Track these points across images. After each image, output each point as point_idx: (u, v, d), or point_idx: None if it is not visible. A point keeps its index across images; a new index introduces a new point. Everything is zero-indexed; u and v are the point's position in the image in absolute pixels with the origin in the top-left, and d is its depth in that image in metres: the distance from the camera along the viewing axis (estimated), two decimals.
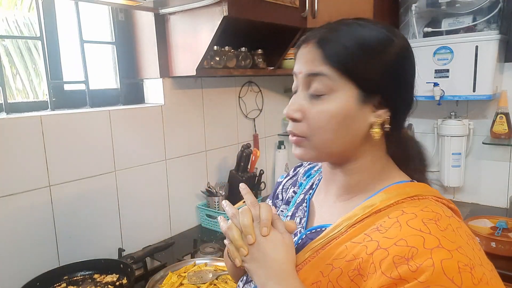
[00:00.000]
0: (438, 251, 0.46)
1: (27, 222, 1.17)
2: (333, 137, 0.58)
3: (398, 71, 0.58)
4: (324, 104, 0.57)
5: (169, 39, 1.50)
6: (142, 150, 1.48)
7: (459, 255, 0.46)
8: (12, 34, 1.33)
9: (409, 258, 0.47)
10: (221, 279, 1.15)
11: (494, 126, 1.73)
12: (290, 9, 1.55)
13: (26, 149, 1.15)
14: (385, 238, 0.51)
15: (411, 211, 0.53)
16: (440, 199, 0.58)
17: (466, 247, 0.48)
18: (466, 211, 1.79)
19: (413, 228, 0.50)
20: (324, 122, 0.57)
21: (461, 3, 1.62)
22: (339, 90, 0.56)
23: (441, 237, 0.48)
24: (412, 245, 0.48)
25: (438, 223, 0.50)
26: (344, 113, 0.56)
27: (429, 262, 0.46)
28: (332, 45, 0.56)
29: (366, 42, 0.56)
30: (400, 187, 0.59)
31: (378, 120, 0.58)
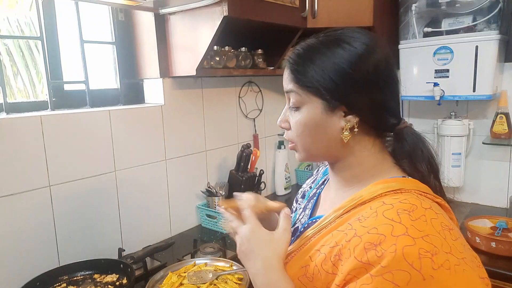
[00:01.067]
0: (403, 238, 0.50)
1: (27, 222, 1.17)
2: (311, 142, 0.68)
3: (359, 82, 0.63)
4: (298, 115, 0.67)
5: (169, 39, 1.50)
6: (142, 150, 1.48)
7: (423, 243, 0.49)
8: (13, 33, 1.33)
9: (377, 244, 0.51)
10: (221, 279, 1.15)
11: (494, 126, 1.73)
12: (290, 9, 1.55)
13: (26, 149, 1.15)
14: (362, 226, 0.56)
15: (390, 202, 0.57)
16: (425, 193, 0.60)
17: (434, 236, 0.51)
18: (466, 211, 1.79)
19: (386, 217, 0.54)
20: (300, 130, 0.67)
21: (461, 3, 1.62)
22: (307, 103, 0.66)
23: (410, 226, 0.51)
24: (381, 233, 0.52)
25: (411, 213, 0.53)
26: (314, 122, 0.66)
27: (392, 248, 0.50)
28: (296, 67, 0.66)
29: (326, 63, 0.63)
30: (387, 181, 0.63)
31: (346, 125, 0.64)
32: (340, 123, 0.64)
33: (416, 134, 0.69)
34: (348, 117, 0.64)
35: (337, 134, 0.65)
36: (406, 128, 0.69)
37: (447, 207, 0.62)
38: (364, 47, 0.63)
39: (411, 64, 1.81)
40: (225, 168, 1.83)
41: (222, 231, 1.63)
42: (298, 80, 0.66)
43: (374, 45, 0.65)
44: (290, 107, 0.69)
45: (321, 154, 0.70)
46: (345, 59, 0.62)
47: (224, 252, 1.40)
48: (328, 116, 0.65)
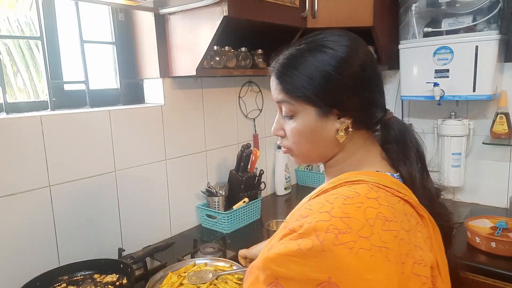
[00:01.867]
0: (323, 215, 0.55)
1: (27, 222, 1.17)
2: (309, 147, 0.70)
3: (348, 85, 0.65)
4: (293, 123, 0.69)
5: (169, 39, 1.50)
6: (142, 150, 1.48)
7: (337, 221, 0.53)
8: (14, 33, 1.33)
9: (304, 217, 0.56)
10: (221, 279, 1.15)
11: (494, 126, 1.73)
12: (290, 9, 1.55)
13: (26, 149, 1.15)
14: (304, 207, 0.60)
15: (340, 190, 0.61)
16: (385, 186, 0.61)
17: (356, 220, 0.53)
18: (466, 211, 1.79)
19: (324, 199, 0.58)
20: (297, 138, 0.70)
21: (461, 3, 1.62)
22: (300, 111, 0.67)
23: (337, 207, 0.55)
24: (311, 209, 0.57)
25: (347, 199, 0.57)
26: (309, 129, 0.68)
27: (310, 220, 0.55)
28: (284, 78, 0.67)
29: (312, 71, 0.64)
30: (353, 174, 0.65)
31: (341, 126, 0.67)
32: (334, 125, 0.67)
33: (402, 123, 0.72)
34: (341, 119, 0.66)
35: (333, 136, 0.68)
36: (392, 118, 0.71)
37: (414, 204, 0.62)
38: (347, 50, 0.65)
39: (411, 64, 1.81)
40: (225, 168, 1.83)
41: (222, 231, 1.63)
42: (287, 90, 0.67)
43: (356, 46, 0.67)
44: (284, 116, 0.70)
45: (318, 156, 0.72)
46: (331, 65, 0.64)
47: (224, 252, 1.40)
48: (323, 121, 0.67)
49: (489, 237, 1.34)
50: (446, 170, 1.85)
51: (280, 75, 0.68)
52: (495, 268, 1.27)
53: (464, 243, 1.44)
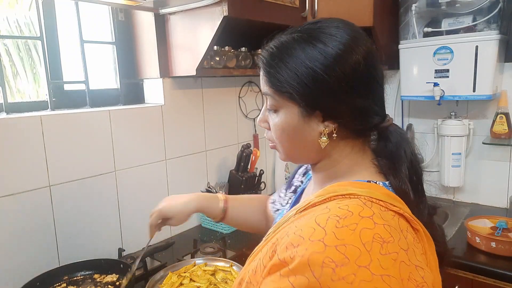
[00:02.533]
0: (316, 244, 0.49)
1: (27, 222, 1.17)
2: (291, 146, 0.66)
3: (333, 88, 0.59)
4: (275, 118, 0.65)
5: (169, 39, 1.50)
6: (142, 150, 1.48)
7: (333, 252, 0.48)
8: (13, 33, 1.33)
9: (296, 246, 0.50)
10: (221, 279, 1.15)
11: (494, 126, 1.73)
12: (290, 9, 1.55)
13: (26, 149, 1.15)
14: (295, 226, 0.55)
15: (331, 206, 0.55)
16: (378, 200, 0.56)
17: (352, 247, 0.48)
18: (466, 211, 1.79)
19: (315, 221, 0.52)
20: (279, 133, 0.65)
21: (461, 3, 1.62)
22: (283, 107, 0.63)
23: (330, 232, 0.49)
24: (302, 236, 0.51)
25: (340, 220, 0.51)
26: (291, 127, 0.63)
27: (302, 252, 0.49)
28: (269, 69, 0.63)
29: (298, 66, 0.59)
30: (343, 185, 0.60)
31: (324, 130, 0.61)
32: (318, 128, 0.62)
33: (401, 133, 0.66)
34: (325, 122, 0.61)
35: (316, 139, 0.63)
36: (390, 126, 0.65)
37: (408, 217, 0.57)
38: (340, 47, 0.58)
39: (411, 64, 1.81)
40: (225, 168, 1.83)
41: (222, 231, 1.63)
42: (272, 84, 0.63)
43: (353, 43, 0.60)
44: (268, 109, 0.66)
45: (301, 157, 0.68)
46: (319, 63, 0.58)
47: (224, 252, 1.40)
48: (305, 121, 0.62)
49: (489, 237, 1.34)
50: (446, 170, 1.86)
51: (267, 66, 0.63)
52: (495, 268, 1.27)
53: (464, 243, 1.44)
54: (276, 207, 0.95)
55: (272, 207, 0.97)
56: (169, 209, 0.99)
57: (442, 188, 1.96)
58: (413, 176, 0.64)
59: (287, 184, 0.93)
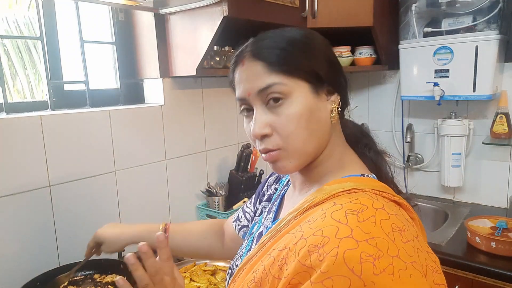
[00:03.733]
0: (346, 241, 0.47)
1: (27, 222, 1.17)
2: (307, 134, 0.60)
3: (330, 58, 0.63)
4: (289, 108, 0.59)
5: (169, 39, 1.50)
6: (142, 150, 1.48)
7: (366, 246, 0.47)
8: (12, 34, 1.33)
9: (320, 247, 0.48)
10: (221, 279, 1.15)
11: (494, 126, 1.73)
12: (290, 9, 1.55)
13: (26, 149, 1.15)
14: (309, 228, 0.52)
15: (341, 202, 0.54)
16: (381, 192, 0.58)
17: (381, 238, 0.48)
18: (466, 211, 1.79)
19: (333, 219, 0.51)
20: (295, 124, 0.59)
21: (461, 3, 1.62)
22: (294, 90, 0.59)
23: (355, 227, 0.49)
24: (326, 235, 0.49)
25: (359, 214, 0.50)
26: (308, 108, 0.59)
27: (334, 251, 0.47)
28: (270, 53, 0.60)
29: (297, 40, 0.61)
30: (343, 181, 0.61)
31: (334, 105, 0.62)
32: (327, 105, 0.62)
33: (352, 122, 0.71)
34: (332, 97, 0.63)
35: (327, 117, 0.62)
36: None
37: (406, 205, 0.59)
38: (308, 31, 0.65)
39: (411, 64, 1.81)
40: (225, 168, 1.83)
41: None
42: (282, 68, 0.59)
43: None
44: (271, 105, 0.59)
45: (312, 151, 0.62)
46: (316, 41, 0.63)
47: None
48: (318, 98, 0.61)
49: (489, 237, 1.34)
50: (446, 170, 1.86)
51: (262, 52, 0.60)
52: (495, 268, 1.27)
53: (464, 243, 1.44)
54: (241, 224, 0.93)
55: (237, 224, 0.94)
56: (103, 235, 0.99)
57: (442, 188, 1.96)
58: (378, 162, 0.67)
59: (254, 198, 0.92)
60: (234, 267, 0.74)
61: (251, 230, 0.80)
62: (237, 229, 0.94)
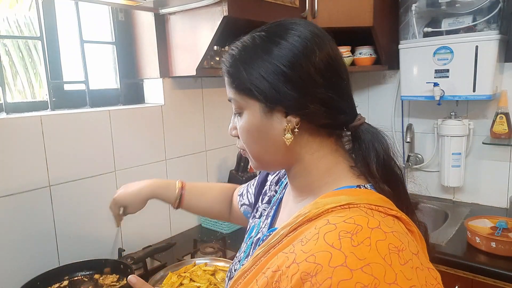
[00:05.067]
0: (340, 270, 0.45)
1: (27, 222, 1.17)
2: (258, 148, 0.63)
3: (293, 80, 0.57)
4: (240, 121, 0.63)
5: (169, 39, 1.50)
6: (142, 150, 1.48)
7: (361, 275, 0.45)
8: (13, 34, 1.33)
9: (313, 275, 0.46)
10: (221, 279, 1.15)
11: (494, 126, 1.73)
12: (290, 9, 1.55)
13: (26, 149, 1.15)
14: (301, 251, 0.50)
15: (334, 221, 0.51)
16: (377, 206, 0.54)
17: (377, 264, 0.46)
18: (466, 211, 1.79)
19: (326, 242, 0.49)
20: (244, 137, 0.64)
21: (461, 3, 1.62)
22: (246, 107, 0.62)
23: (350, 253, 0.46)
24: (318, 262, 0.47)
25: (354, 237, 0.48)
26: (255, 126, 0.61)
27: (327, 283, 0.45)
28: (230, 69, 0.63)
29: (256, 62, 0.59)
30: (336, 194, 0.58)
31: (287, 126, 0.59)
32: (281, 124, 0.59)
33: (372, 132, 0.62)
34: (288, 117, 0.59)
35: (280, 137, 0.60)
36: (361, 125, 0.62)
37: (404, 219, 0.56)
38: (300, 41, 0.58)
39: (411, 64, 1.81)
40: (225, 168, 1.83)
41: (222, 231, 1.63)
42: (233, 84, 0.62)
43: (311, 37, 0.59)
44: (235, 114, 0.65)
45: (271, 162, 0.64)
46: (279, 56, 0.57)
47: (224, 252, 1.40)
48: (268, 118, 0.60)
49: (489, 237, 1.34)
50: (446, 170, 1.86)
51: (228, 67, 0.63)
52: (495, 268, 1.27)
53: (464, 243, 1.44)
54: (243, 201, 0.94)
55: (240, 200, 0.96)
56: (124, 198, 1.01)
57: (442, 188, 1.96)
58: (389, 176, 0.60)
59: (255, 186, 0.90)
60: (233, 271, 0.74)
61: (250, 233, 0.79)
62: (239, 204, 0.96)
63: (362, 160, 0.61)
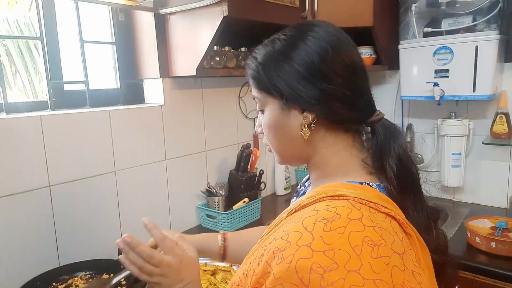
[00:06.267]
0: (303, 249, 0.48)
1: (27, 222, 1.17)
2: (279, 143, 0.68)
3: (308, 78, 0.61)
4: (263, 118, 0.69)
5: (169, 39, 1.50)
6: (142, 150, 1.48)
7: (321, 257, 0.47)
8: (13, 34, 1.33)
9: (282, 251, 0.49)
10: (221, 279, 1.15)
11: (494, 126, 1.73)
12: (290, 9, 1.55)
13: (26, 149, 1.15)
14: (282, 231, 0.54)
15: (318, 208, 0.54)
16: (368, 202, 0.55)
17: (341, 251, 0.47)
18: (466, 211, 1.79)
19: (302, 225, 0.51)
20: (267, 132, 0.69)
21: (461, 3, 1.62)
22: (266, 105, 0.67)
23: (318, 237, 0.49)
24: (289, 240, 0.50)
25: (328, 223, 0.50)
26: (274, 122, 0.66)
27: (289, 258, 0.48)
28: (252, 72, 0.68)
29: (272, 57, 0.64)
30: (333, 186, 0.60)
31: (304, 121, 0.63)
32: (298, 120, 0.63)
33: (389, 128, 0.64)
34: (304, 113, 0.63)
35: (298, 132, 0.64)
36: (379, 121, 0.64)
37: (401, 221, 0.56)
38: (315, 41, 0.62)
39: (411, 64, 1.81)
40: (225, 168, 1.83)
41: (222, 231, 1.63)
42: (254, 84, 0.68)
43: (329, 38, 0.62)
44: (258, 111, 0.71)
45: (292, 156, 0.70)
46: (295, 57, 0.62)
47: None
48: (285, 114, 0.64)
49: (489, 237, 1.34)
50: (446, 170, 1.86)
51: (250, 68, 0.69)
52: (495, 268, 1.27)
53: (464, 243, 1.44)
54: None
55: None
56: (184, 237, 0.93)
57: (442, 188, 1.96)
58: (403, 174, 0.61)
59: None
60: None
61: None
62: None
63: (377, 157, 0.63)
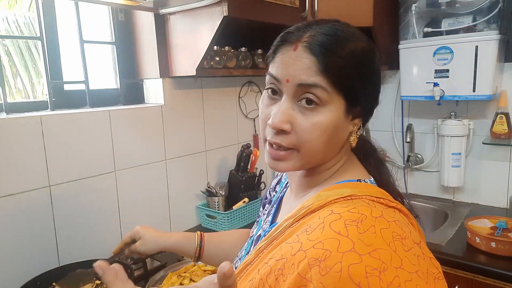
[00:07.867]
0: (349, 255, 0.46)
1: (27, 222, 1.17)
2: (322, 147, 0.58)
3: (376, 84, 0.61)
4: (318, 116, 0.56)
5: (169, 39, 1.50)
6: (142, 150, 1.48)
7: (370, 259, 0.46)
8: (13, 34, 1.33)
9: (322, 260, 0.46)
10: None
11: (494, 126, 1.73)
12: (290, 9, 1.55)
13: (26, 149, 1.15)
14: (308, 240, 0.50)
15: (339, 211, 0.52)
16: (378, 198, 0.56)
17: (383, 250, 0.47)
18: (466, 211, 1.79)
19: (333, 230, 0.49)
20: (317, 134, 0.57)
21: (461, 3, 1.62)
22: (332, 102, 0.56)
23: (357, 240, 0.47)
24: (327, 248, 0.47)
25: (359, 225, 0.49)
26: (335, 125, 0.57)
27: (337, 267, 0.45)
28: (330, 55, 0.55)
29: (359, 55, 0.57)
30: (339, 186, 0.59)
31: (355, 128, 0.62)
32: (349, 126, 0.61)
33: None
34: (355, 120, 0.61)
35: (345, 137, 0.62)
36: None
37: (404, 211, 0.58)
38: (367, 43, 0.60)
39: (411, 64, 1.81)
40: (225, 168, 1.83)
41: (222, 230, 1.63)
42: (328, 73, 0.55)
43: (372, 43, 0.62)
44: (303, 105, 0.56)
45: (318, 161, 0.62)
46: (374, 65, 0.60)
47: None
48: (345, 118, 0.59)
49: (489, 237, 1.34)
50: (446, 170, 1.86)
51: (321, 50, 0.55)
52: (495, 268, 1.27)
53: (464, 243, 1.44)
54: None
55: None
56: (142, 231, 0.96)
57: (442, 188, 1.96)
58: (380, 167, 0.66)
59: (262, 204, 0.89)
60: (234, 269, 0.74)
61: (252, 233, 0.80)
62: None
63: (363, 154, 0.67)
